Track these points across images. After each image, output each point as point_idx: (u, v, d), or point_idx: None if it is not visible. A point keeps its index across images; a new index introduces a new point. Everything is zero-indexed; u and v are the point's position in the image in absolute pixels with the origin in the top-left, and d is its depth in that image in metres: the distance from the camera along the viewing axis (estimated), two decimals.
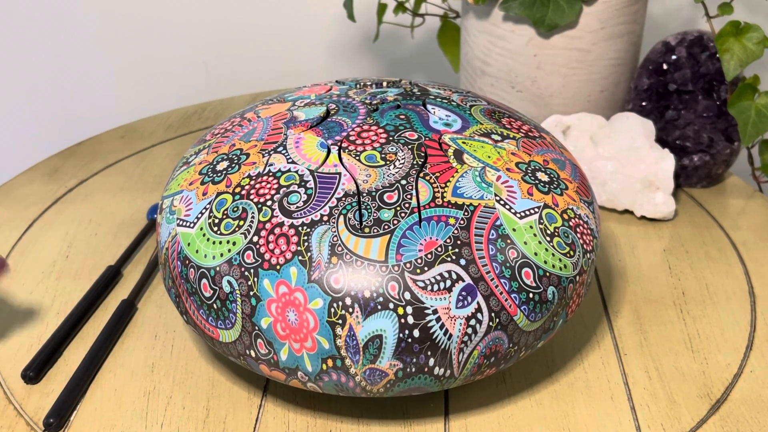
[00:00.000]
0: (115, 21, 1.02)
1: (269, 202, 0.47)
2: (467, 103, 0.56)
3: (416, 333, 0.44)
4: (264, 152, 0.51)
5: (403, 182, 0.47)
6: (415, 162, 0.49)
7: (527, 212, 0.48)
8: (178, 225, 0.50)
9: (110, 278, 0.65)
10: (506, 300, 0.45)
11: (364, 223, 0.46)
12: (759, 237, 0.70)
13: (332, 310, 0.44)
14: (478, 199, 0.47)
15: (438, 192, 0.47)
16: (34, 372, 0.55)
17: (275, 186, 0.48)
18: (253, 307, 0.46)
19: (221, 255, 0.47)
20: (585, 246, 0.50)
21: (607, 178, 0.72)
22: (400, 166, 0.48)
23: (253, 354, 0.47)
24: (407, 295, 0.44)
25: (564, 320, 0.50)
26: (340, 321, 0.44)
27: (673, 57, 0.74)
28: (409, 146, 0.50)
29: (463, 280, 0.45)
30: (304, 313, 0.45)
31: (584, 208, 0.51)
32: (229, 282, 0.46)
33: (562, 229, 0.49)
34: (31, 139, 1.09)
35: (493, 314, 0.45)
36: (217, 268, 0.47)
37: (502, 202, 0.48)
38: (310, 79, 1.06)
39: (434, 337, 0.44)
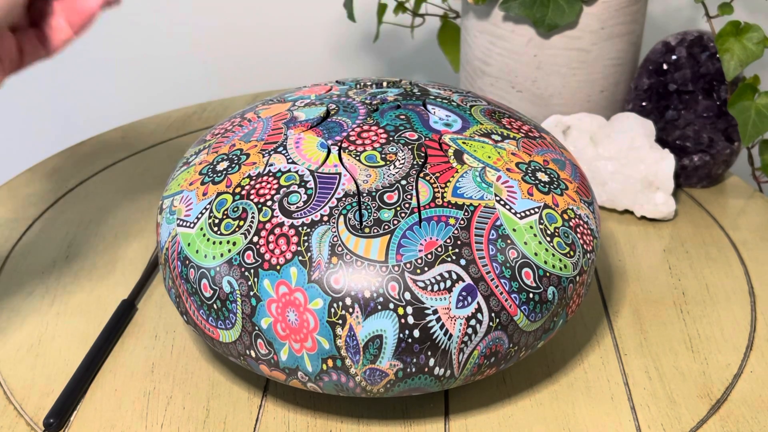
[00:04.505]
0: (115, 21, 1.02)
1: (269, 203, 0.47)
2: (467, 104, 0.56)
3: (416, 333, 0.44)
4: (264, 152, 0.51)
5: (403, 182, 0.47)
6: (415, 162, 0.49)
7: (527, 212, 0.48)
8: (178, 225, 0.50)
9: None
10: (506, 300, 0.45)
11: (364, 223, 0.46)
12: (759, 237, 0.70)
13: (332, 310, 0.44)
14: (478, 200, 0.47)
15: (438, 192, 0.47)
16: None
17: (275, 186, 0.48)
18: (254, 308, 0.46)
19: (221, 255, 0.47)
20: (585, 246, 0.50)
21: (607, 178, 0.72)
22: (400, 166, 0.48)
23: (253, 354, 0.47)
24: (407, 296, 0.44)
25: (564, 320, 0.50)
26: (340, 321, 0.44)
27: (673, 57, 0.74)
28: (409, 146, 0.50)
29: (464, 281, 0.45)
30: (305, 313, 0.45)
31: (584, 208, 0.51)
32: (229, 282, 0.46)
33: (563, 230, 0.49)
34: (31, 139, 1.09)
35: (493, 314, 0.45)
36: (218, 269, 0.47)
37: (502, 203, 0.48)
38: (310, 79, 1.06)
39: (434, 337, 0.44)
